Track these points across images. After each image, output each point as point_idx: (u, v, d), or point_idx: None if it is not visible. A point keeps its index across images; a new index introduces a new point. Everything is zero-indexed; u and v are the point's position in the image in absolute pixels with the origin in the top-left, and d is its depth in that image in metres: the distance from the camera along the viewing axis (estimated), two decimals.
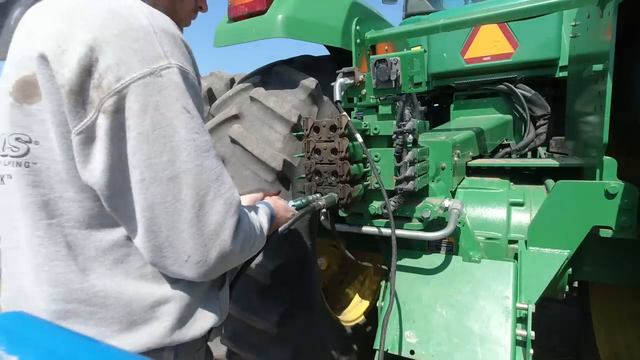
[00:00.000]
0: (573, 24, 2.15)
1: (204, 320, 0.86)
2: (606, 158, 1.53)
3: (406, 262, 1.74)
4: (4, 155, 0.75)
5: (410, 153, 1.44)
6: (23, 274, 0.77)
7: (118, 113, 0.68)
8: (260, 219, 0.96)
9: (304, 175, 1.48)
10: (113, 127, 0.69)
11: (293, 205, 1.26)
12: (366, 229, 1.62)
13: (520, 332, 1.44)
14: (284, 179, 1.67)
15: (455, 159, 1.79)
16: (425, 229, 1.54)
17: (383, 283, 1.76)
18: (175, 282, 0.81)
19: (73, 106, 0.68)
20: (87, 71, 0.67)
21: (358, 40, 1.99)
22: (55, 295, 0.74)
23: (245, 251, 0.84)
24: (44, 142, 0.72)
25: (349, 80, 1.51)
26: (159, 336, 0.78)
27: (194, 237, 0.74)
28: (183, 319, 0.81)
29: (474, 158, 2.21)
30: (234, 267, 0.88)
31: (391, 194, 1.50)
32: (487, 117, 2.87)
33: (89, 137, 0.69)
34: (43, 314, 0.75)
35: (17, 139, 0.73)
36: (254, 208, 1.00)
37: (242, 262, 0.87)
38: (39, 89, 0.70)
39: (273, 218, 1.06)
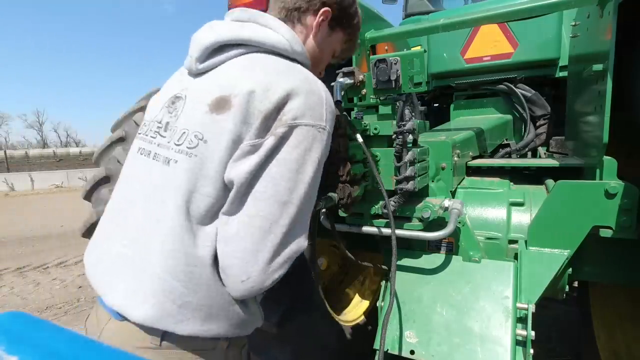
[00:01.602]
0: (573, 23, 2.15)
1: (254, 321, 1.05)
2: (606, 158, 1.52)
3: (406, 262, 1.74)
4: (179, 144, 0.95)
5: (410, 153, 1.43)
6: (153, 251, 0.92)
7: (281, 139, 0.91)
8: None
9: None
10: (272, 146, 0.90)
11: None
12: (366, 229, 1.62)
13: (520, 332, 1.44)
14: None
15: (455, 159, 1.79)
16: (425, 229, 1.54)
17: (383, 283, 1.76)
18: None
19: (259, 127, 0.90)
20: (279, 108, 0.91)
21: (358, 40, 1.98)
22: (169, 268, 0.90)
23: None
24: (211, 143, 0.91)
25: (349, 80, 1.51)
26: (226, 330, 0.96)
27: (265, 263, 0.89)
28: (243, 319, 0.99)
29: (474, 158, 2.21)
30: None
31: (391, 194, 1.50)
32: (487, 117, 2.87)
33: (254, 149, 0.90)
34: (156, 280, 0.90)
35: (195, 135, 0.93)
36: None
37: None
38: (230, 105, 0.91)
39: None
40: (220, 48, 1.02)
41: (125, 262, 0.95)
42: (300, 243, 0.96)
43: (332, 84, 1.50)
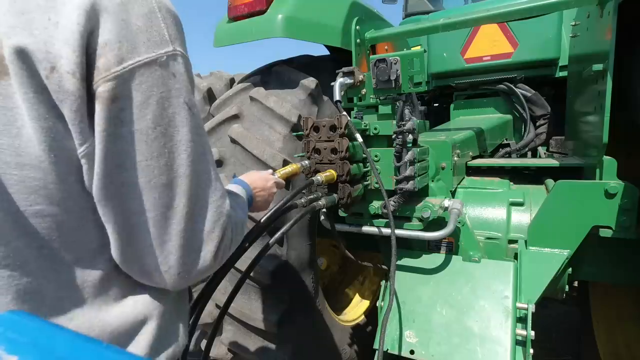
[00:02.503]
0: (573, 23, 2.15)
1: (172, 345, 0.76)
2: (606, 158, 1.53)
3: (406, 262, 1.74)
4: None
5: (410, 153, 1.44)
6: None
7: (115, 102, 0.57)
8: (240, 212, 0.89)
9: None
10: (107, 119, 0.57)
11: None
12: (366, 229, 1.62)
13: (520, 332, 1.44)
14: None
15: (455, 158, 1.79)
16: (425, 229, 1.54)
17: (383, 283, 1.76)
18: (150, 302, 0.73)
19: (70, 99, 0.55)
20: (82, 48, 0.54)
21: (358, 40, 1.99)
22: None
23: (225, 258, 0.78)
24: (5, 138, 0.55)
25: (348, 80, 1.51)
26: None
27: (179, 249, 0.68)
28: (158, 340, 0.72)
29: (474, 158, 2.21)
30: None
31: (391, 193, 1.50)
32: (487, 117, 2.87)
33: (84, 137, 0.58)
34: None
35: None
36: (231, 197, 0.89)
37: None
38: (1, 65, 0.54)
39: (251, 198, 1.02)
40: None
41: None
42: (218, 205, 0.72)
43: (332, 83, 1.50)
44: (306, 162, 1.35)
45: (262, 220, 1.12)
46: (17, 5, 0.54)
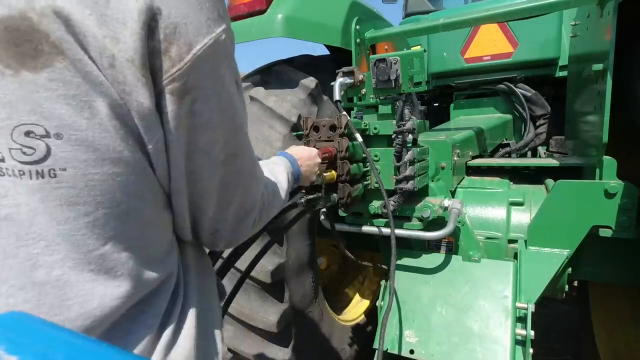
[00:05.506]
0: (573, 23, 2.15)
1: None
2: (606, 158, 1.53)
3: (406, 261, 1.74)
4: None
5: (410, 153, 1.44)
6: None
7: (188, 93, 0.52)
8: (281, 181, 0.93)
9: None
10: (181, 113, 0.53)
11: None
12: (366, 228, 1.62)
13: (520, 331, 1.44)
14: None
15: (455, 158, 1.79)
16: (425, 229, 1.54)
17: (383, 282, 1.76)
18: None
19: (137, 81, 0.48)
20: (148, 29, 0.47)
21: (358, 40, 1.99)
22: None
23: (261, 225, 0.83)
24: (68, 132, 0.46)
25: (348, 80, 1.51)
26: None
27: (232, 218, 0.71)
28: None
29: (473, 157, 2.21)
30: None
31: (391, 193, 1.50)
32: (487, 117, 2.87)
33: (151, 124, 0.52)
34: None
35: (26, 133, 0.44)
36: (274, 170, 0.94)
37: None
38: (48, 46, 0.43)
39: (297, 173, 1.05)
40: None
41: None
42: (260, 176, 0.77)
43: (332, 83, 1.50)
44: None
45: None
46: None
